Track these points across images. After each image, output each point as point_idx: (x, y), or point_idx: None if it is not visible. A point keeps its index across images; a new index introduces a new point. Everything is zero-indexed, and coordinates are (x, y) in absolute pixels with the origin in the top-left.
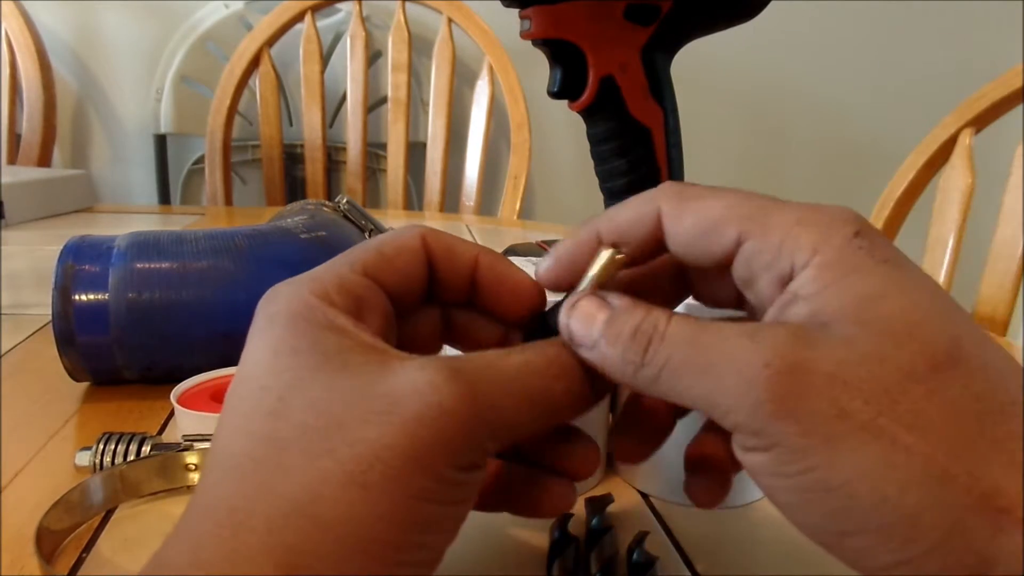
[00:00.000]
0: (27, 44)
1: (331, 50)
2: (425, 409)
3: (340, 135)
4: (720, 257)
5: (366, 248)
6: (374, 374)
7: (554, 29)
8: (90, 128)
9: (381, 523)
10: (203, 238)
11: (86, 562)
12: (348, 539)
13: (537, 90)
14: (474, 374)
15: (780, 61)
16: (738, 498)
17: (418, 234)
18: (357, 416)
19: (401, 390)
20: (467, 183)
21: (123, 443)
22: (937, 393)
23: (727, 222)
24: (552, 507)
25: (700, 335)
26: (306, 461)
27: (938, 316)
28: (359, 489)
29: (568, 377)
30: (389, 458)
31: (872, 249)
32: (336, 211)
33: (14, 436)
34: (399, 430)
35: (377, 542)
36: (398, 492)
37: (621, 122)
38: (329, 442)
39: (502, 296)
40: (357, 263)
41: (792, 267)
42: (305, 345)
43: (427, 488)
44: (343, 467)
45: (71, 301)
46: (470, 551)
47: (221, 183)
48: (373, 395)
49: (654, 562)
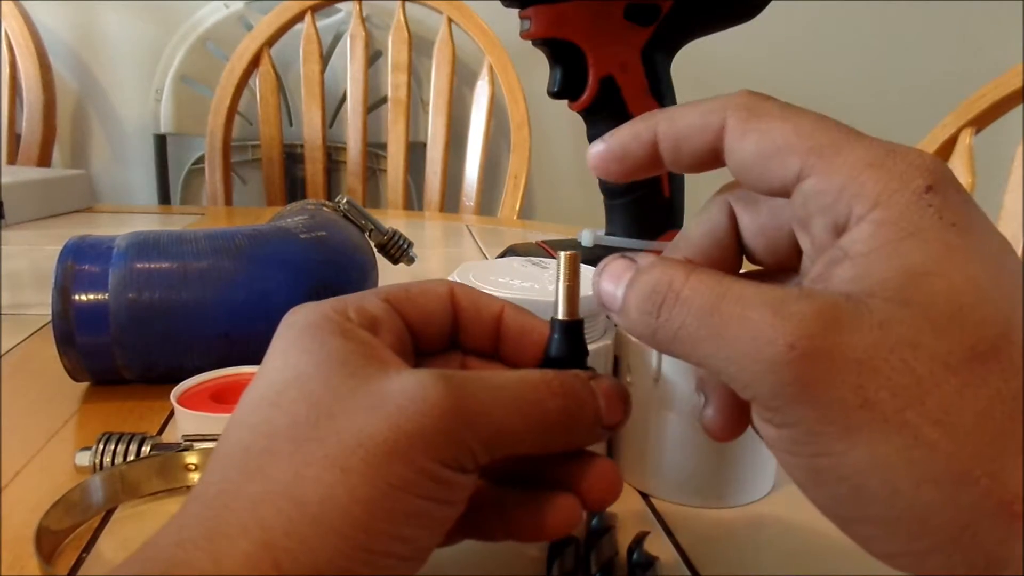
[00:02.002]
0: (27, 44)
1: (331, 50)
2: (409, 403)
3: (340, 135)
4: (777, 188)
5: (394, 285)
6: (371, 376)
7: (554, 29)
8: (90, 128)
9: (358, 507)
10: (203, 238)
11: (86, 562)
12: (324, 520)
13: (537, 90)
14: (465, 379)
15: (780, 61)
16: (738, 498)
17: (446, 282)
18: (347, 409)
19: (391, 388)
20: (467, 183)
21: (123, 443)
22: (971, 387)
23: (791, 151)
24: (556, 525)
25: (720, 303)
26: (293, 446)
27: (993, 298)
28: (339, 472)
29: (566, 397)
30: (371, 445)
31: (943, 209)
32: (336, 211)
33: (14, 436)
34: (383, 421)
35: (353, 526)
36: (377, 478)
37: (621, 122)
38: (317, 430)
39: (525, 347)
40: (381, 292)
41: (849, 216)
42: (315, 347)
43: (406, 478)
44: (327, 451)
45: (71, 301)
46: (470, 551)
47: (221, 183)
48: (366, 392)
49: (654, 562)
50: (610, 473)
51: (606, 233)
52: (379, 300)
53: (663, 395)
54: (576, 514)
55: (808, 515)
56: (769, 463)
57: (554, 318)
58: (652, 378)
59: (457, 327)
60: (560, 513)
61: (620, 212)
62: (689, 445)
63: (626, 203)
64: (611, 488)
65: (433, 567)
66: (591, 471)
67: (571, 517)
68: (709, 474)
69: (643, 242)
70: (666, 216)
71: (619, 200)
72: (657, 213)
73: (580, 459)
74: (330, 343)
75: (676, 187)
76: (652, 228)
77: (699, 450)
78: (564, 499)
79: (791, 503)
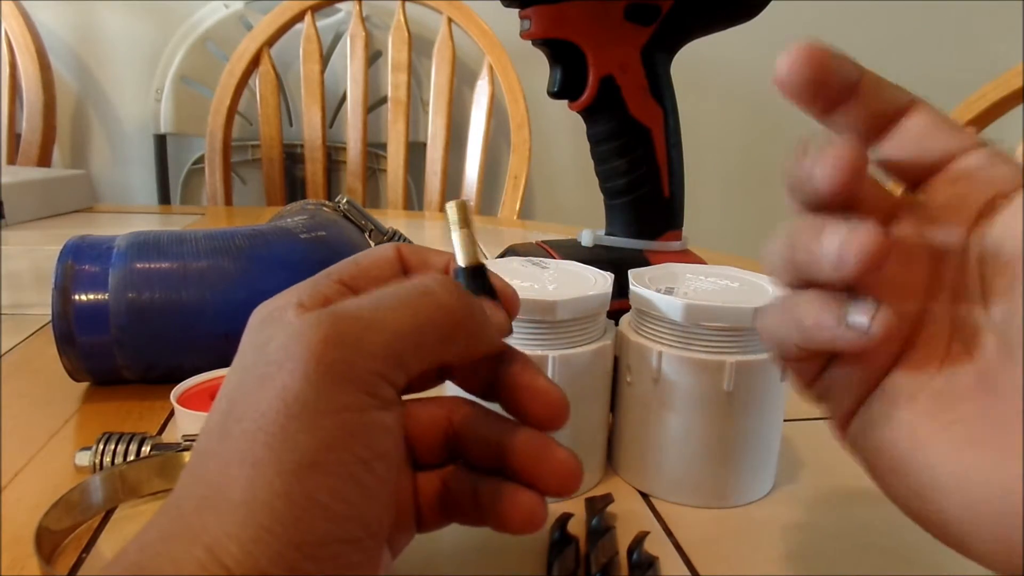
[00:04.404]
0: (27, 44)
1: (331, 50)
2: (285, 356)
3: (340, 135)
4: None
5: (344, 262)
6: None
7: (554, 29)
8: (90, 128)
9: (279, 501)
10: (203, 238)
11: (86, 562)
12: (254, 521)
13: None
14: (341, 305)
15: None
16: (738, 498)
17: (393, 246)
18: (244, 391)
19: (271, 348)
20: (467, 183)
21: (123, 443)
22: None
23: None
24: (520, 522)
25: None
26: (215, 445)
27: None
28: (251, 468)
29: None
30: (268, 426)
31: None
32: (336, 211)
33: (14, 436)
34: (270, 391)
35: (280, 522)
36: (286, 463)
37: (621, 122)
38: (228, 422)
39: None
40: (333, 273)
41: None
42: (253, 342)
43: (314, 447)
44: (238, 446)
45: (71, 301)
46: (470, 551)
47: (221, 183)
48: (257, 363)
49: (654, 562)
50: (568, 462)
51: (606, 233)
52: (331, 281)
53: (663, 395)
54: (538, 511)
55: (808, 515)
56: (769, 463)
57: (457, 266)
58: (652, 378)
59: None
60: (521, 509)
61: (620, 212)
62: (689, 445)
63: (626, 203)
64: (569, 477)
65: (433, 567)
66: (549, 461)
67: (533, 514)
68: (709, 474)
69: (643, 242)
70: (666, 216)
71: (619, 200)
72: (657, 213)
73: (540, 450)
74: (262, 333)
75: (676, 187)
76: (652, 228)
77: (699, 450)
78: (526, 495)
79: (791, 503)
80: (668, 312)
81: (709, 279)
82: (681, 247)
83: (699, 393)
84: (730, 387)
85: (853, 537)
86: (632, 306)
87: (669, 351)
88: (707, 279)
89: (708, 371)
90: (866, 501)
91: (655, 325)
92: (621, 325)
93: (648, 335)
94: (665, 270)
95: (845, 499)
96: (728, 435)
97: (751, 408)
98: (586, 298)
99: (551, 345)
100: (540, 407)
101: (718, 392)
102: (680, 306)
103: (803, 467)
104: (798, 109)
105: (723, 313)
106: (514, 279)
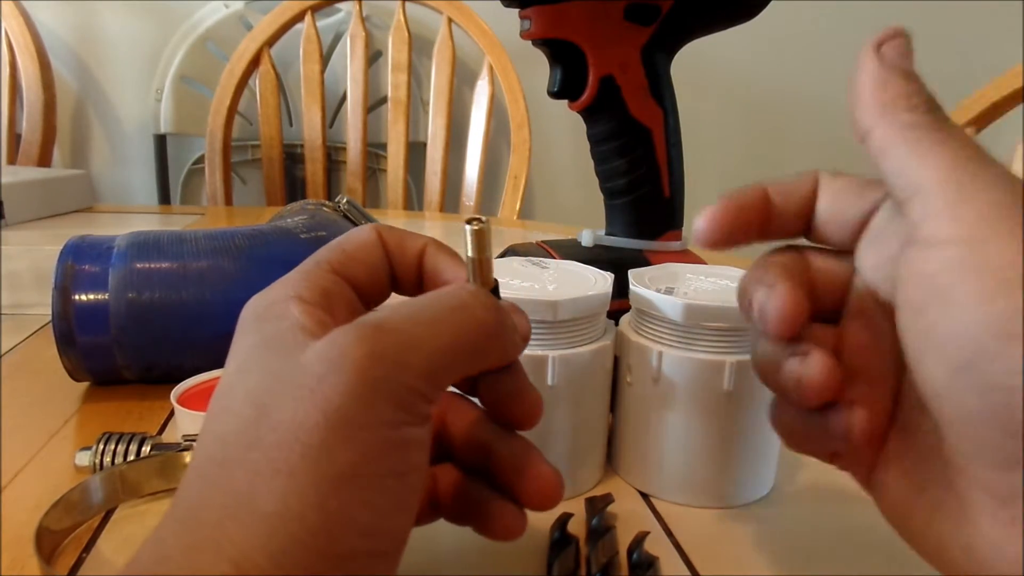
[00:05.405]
0: (27, 44)
1: (331, 50)
2: (328, 370)
3: (340, 135)
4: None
5: (330, 248)
6: (295, 352)
7: (554, 29)
8: (90, 128)
9: (312, 512)
10: (203, 238)
11: (86, 562)
12: (284, 531)
13: (537, 90)
14: (379, 318)
15: (780, 61)
16: (738, 498)
17: (373, 228)
18: (278, 399)
19: (310, 360)
20: (467, 183)
21: (123, 443)
22: None
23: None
24: (501, 532)
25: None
26: (244, 453)
27: None
28: (286, 478)
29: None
30: (306, 438)
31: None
32: (336, 211)
33: (14, 436)
34: (310, 403)
35: (313, 533)
36: (324, 475)
37: (621, 122)
38: (258, 430)
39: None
40: (323, 262)
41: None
42: (258, 339)
43: (352, 461)
44: (269, 456)
45: (71, 301)
46: (470, 551)
47: (221, 183)
48: (291, 372)
49: (654, 562)
50: (549, 479)
51: (606, 233)
52: (324, 271)
53: (663, 395)
54: (517, 525)
55: (808, 515)
56: (769, 463)
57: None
58: (652, 378)
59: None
60: (501, 521)
61: (620, 212)
62: (689, 445)
63: (626, 203)
64: (549, 494)
65: (433, 567)
66: (531, 476)
67: (511, 529)
68: (709, 474)
69: (643, 242)
70: (666, 216)
71: (619, 200)
72: (657, 213)
73: (524, 463)
74: (266, 330)
75: (676, 187)
76: (652, 228)
77: (699, 450)
78: (507, 508)
79: (791, 503)
80: (668, 312)
81: (709, 279)
82: (681, 247)
83: (699, 393)
84: (730, 387)
85: (853, 537)
86: (632, 306)
87: (669, 351)
88: (707, 279)
89: (708, 371)
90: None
91: (655, 325)
92: (621, 325)
93: (648, 335)
94: (665, 270)
95: (845, 499)
96: (728, 435)
97: (751, 408)
98: (586, 298)
99: (551, 345)
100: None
101: (718, 392)
102: (680, 306)
103: (803, 467)
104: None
105: (723, 313)
106: (514, 279)
